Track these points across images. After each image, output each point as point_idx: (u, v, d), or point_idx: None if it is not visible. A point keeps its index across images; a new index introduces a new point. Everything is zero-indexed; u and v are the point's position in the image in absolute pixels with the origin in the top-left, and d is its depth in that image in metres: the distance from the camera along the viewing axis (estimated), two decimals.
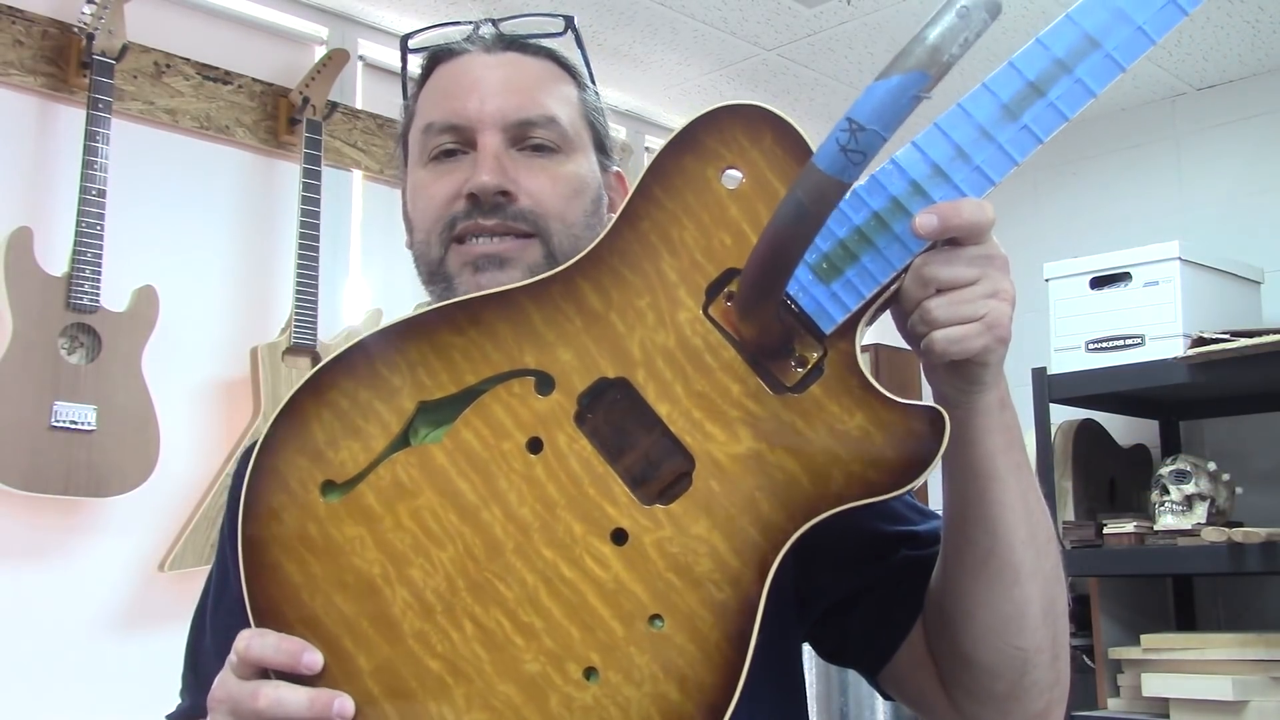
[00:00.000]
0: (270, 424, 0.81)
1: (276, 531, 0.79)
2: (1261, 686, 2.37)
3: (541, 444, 0.80)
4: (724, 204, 0.81)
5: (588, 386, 0.80)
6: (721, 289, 0.81)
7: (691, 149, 0.82)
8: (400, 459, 0.80)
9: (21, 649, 2.16)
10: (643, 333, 0.81)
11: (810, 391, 0.79)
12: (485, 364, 0.81)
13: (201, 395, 2.44)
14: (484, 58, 1.02)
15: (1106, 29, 0.74)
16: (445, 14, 2.76)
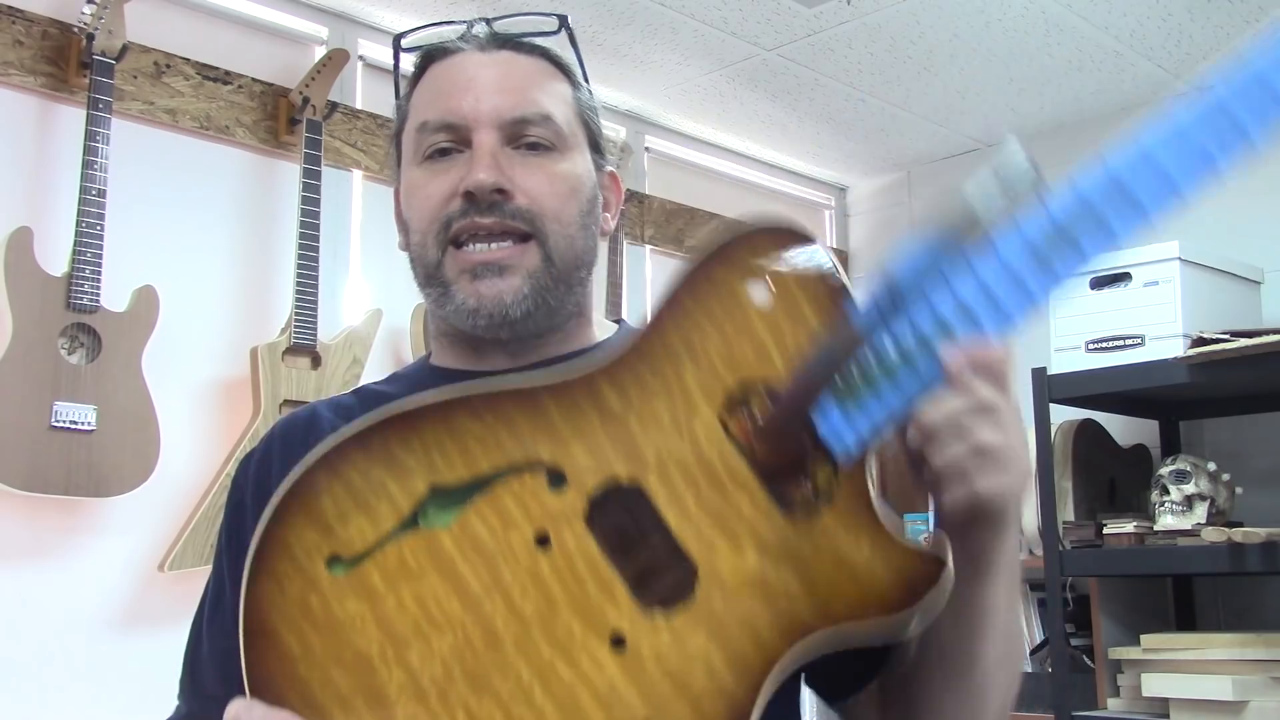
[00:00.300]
0: (282, 491, 0.80)
1: (278, 600, 0.79)
2: (1261, 686, 2.37)
3: (549, 539, 0.79)
4: (750, 318, 0.82)
5: (600, 486, 0.80)
6: (740, 402, 0.81)
7: (723, 261, 0.83)
8: (408, 540, 0.79)
9: (21, 649, 2.16)
10: (659, 438, 0.81)
11: (819, 516, 0.79)
12: (500, 454, 0.81)
13: (201, 395, 2.44)
14: (478, 56, 1.01)
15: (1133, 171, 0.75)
16: (445, 14, 2.76)
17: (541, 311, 0.98)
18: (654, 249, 3.36)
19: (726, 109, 3.33)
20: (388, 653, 0.77)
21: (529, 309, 0.96)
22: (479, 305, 0.96)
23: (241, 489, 1.04)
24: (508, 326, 0.97)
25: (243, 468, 1.05)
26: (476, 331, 0.99)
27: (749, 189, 3.72)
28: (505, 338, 0.99)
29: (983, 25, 2.83)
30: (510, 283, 0.95)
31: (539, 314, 0.98)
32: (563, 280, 0.98)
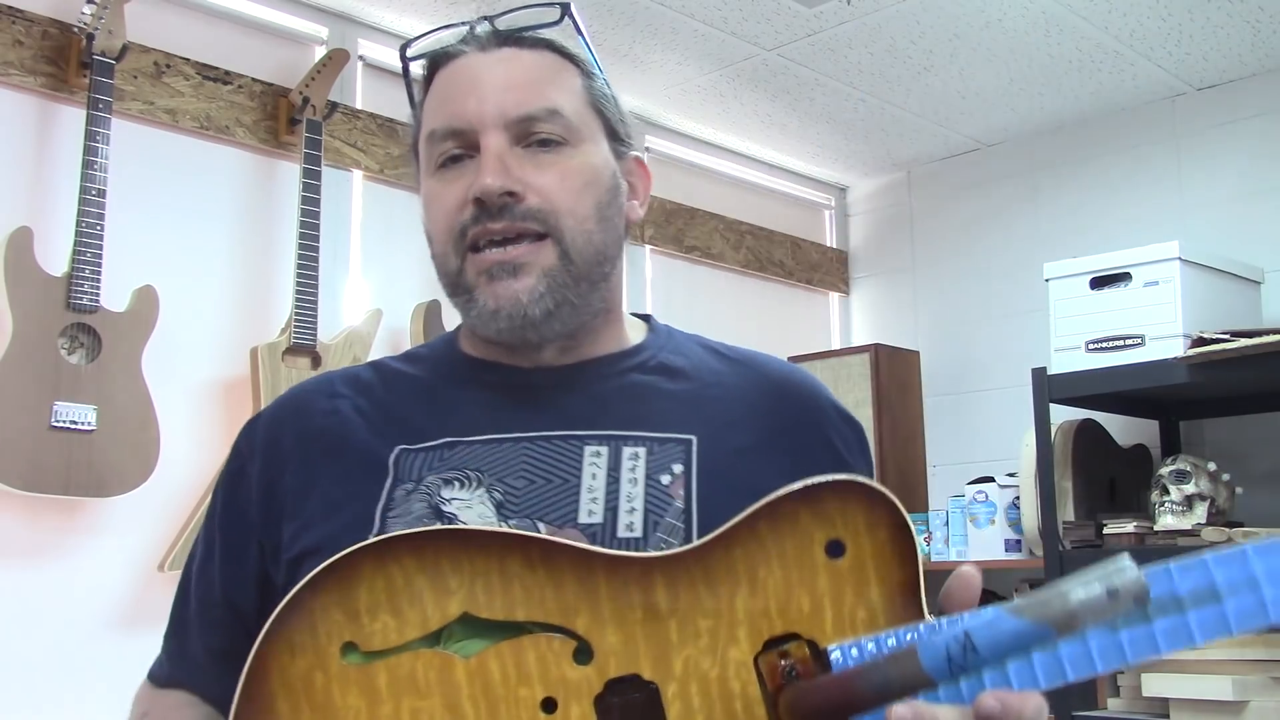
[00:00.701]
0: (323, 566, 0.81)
1: (286, 665, 0.79)
2: (1261, 686, 2.37)
3: (555, 707, 0.79)
4: (818, 570, 0.81)
5: (620, 676, 0.80)
6: (780, 646, 0.80)
7: (810, 505, 0.82)
8: (424, 655, 0.80)
9: (21, 649, 2.16)
10: (692, 651, 0.80)
11: None
12: (540, 608, 0.81)
13: (201, 395, 2.44)
14: (480, 57, 1.00)
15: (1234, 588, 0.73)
16: (445, 13, 2.76)
17: (565, 310, 0.96)
18: (654, 249, 3.36)
19: (726, 109, 3.33)
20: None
21: (549, 308, 0.95)
22: (498, 307, 0.95)
23: (244, 457, 1.03)
24: (531, 328, 0.96)
25: (247, 436, 1.04)
26: (501, 337, 0.98)
27: (749, 189, 3.72)
28: (533, 340, 0.98)
29: (983, 25, 2.83)
30: (525, 282, 0.94)
31: (562, 313, 0.96)
32: (584, 278, 0.97)
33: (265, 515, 0.98)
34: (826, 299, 3.93)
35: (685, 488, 0.94)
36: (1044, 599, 0.70)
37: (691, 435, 0.97)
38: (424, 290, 2.75)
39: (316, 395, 1.03)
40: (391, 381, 1.04)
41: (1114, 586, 0.69)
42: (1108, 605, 0.69)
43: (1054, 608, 0.70)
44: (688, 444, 0.97)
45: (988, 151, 3.65)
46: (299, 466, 0.99)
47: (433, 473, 0.94)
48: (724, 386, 1.03)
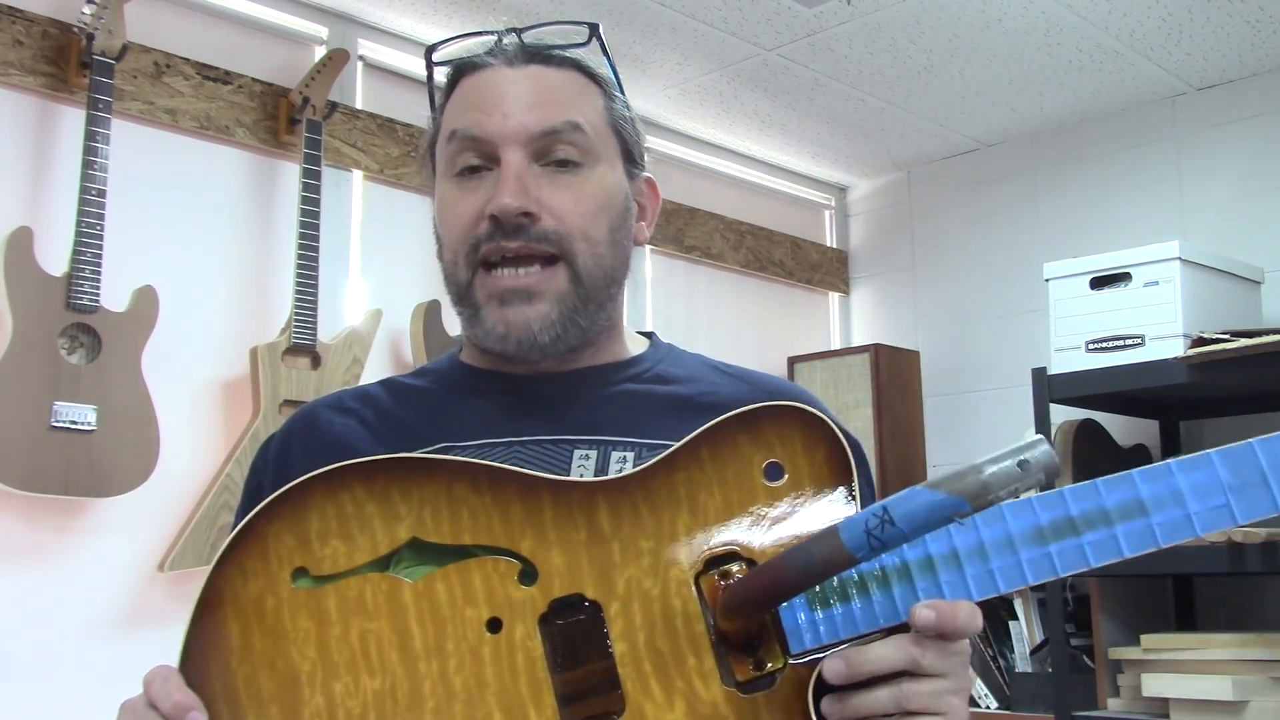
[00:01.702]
0: (277, 494, 0.83)
1: (238, 589, 0.81)
2: (1261, 686, 2.37)
3: (501, 626, 0.81)
4: (757, 492, 0.84)
5: (564, 595, 0.82)
6: (720, 565, 0.83)
7: (750, 430, 0.85)
8: (373, 579, 0.82)
9: (21, 649, 2.16)
10: (634, 571, 0.83)
11: (755, 697, 0.80)
12: (486, 532, 0.83)
13: (201, 395, 2.44)
14: (507, 71, 1.01)
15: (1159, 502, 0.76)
16: (445, 14, 2.76)
17: (572, 332, 0.99)
18: (653, 249, 3.36)
19: (726, 109, 3.33)
20: (317, 675, 0.79)
21: (557, 334, 0.97)
22: (507, 332, 0.97)
23: (260, 473, 1.05)
24: (537, 350, 0.98)
25: (262, 452, 1.07)
26: (506, 355, 1.00)
27: (749, 189, 3.72)
28: (535, 357, 1.00)
29: (983, 25, 2.83)
30: (538, 309, 0.96)
31: (569, 334, 0.99)
32: (592, 300, 0.99)
33: None
34: (826, 299, 3.93)
35: None
36: (959, 473, 0.73)
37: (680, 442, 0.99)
38: (424, 290, 2.75)
39: (326, 410, 1.06)
40: (398, 395, 1.07)
41: (1025, 459, 0.72)
42: (1019, 476, 0.72)
43: (968, 480, 0.72)
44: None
45: (988, 151, 3.65)
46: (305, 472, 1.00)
47: None
48: (717, 396, 1.05)
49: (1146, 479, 0.76)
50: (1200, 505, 0.75)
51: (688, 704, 0.80)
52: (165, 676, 0.79)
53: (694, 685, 0.80)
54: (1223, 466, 0.75)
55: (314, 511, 0.82)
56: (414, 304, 2.73)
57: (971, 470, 0.72)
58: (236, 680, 0.79)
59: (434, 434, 1.00)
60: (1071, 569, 0.77)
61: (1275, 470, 0.74)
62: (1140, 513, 0.76)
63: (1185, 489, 0.75)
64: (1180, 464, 0.76)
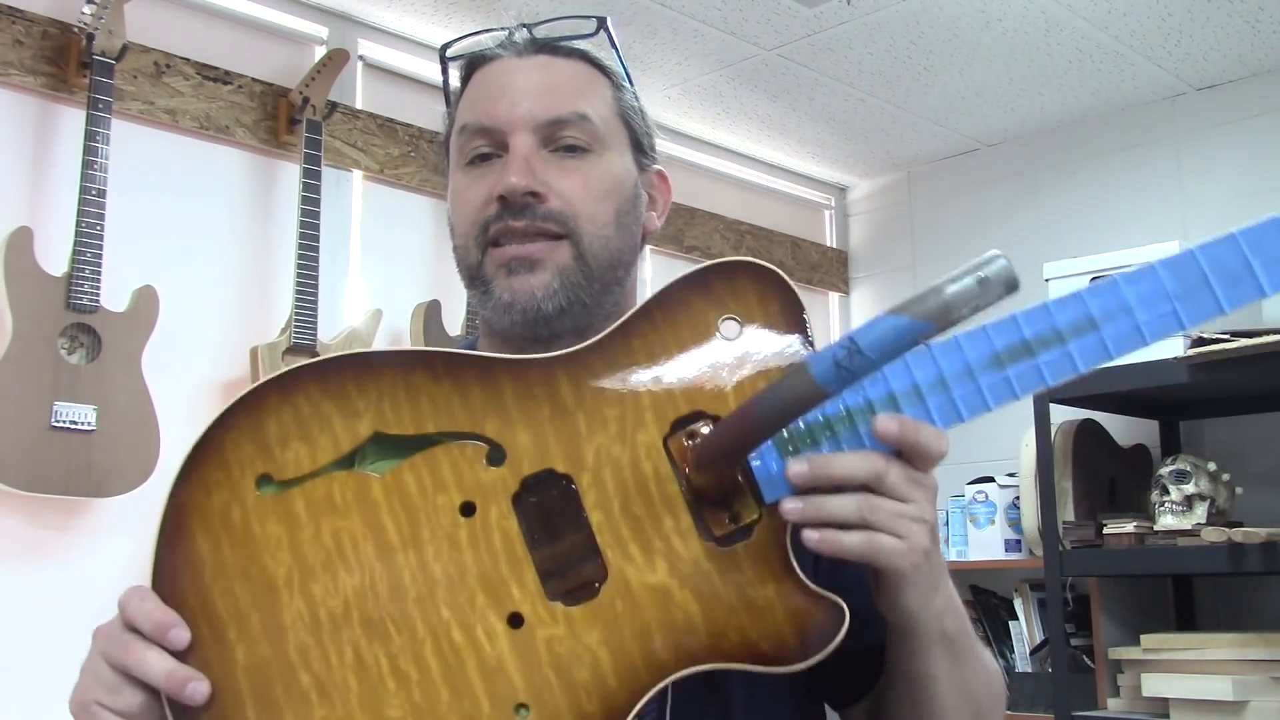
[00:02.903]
0: (232, 403, 0.82)
1: (202, 503, 0.81)
2: (1261, 686, 2.37)
3: (474, 510, 0.81)
4: (715, 349, 0.84)
5: (534, 472, 0.82)
6: (686, 425, 0.83)
7: (702, 288, 0.86)
8: (339, 477, 0.81)
9: (21, 649, 2.16)
10: (602, 440, 0.83)
11: (734, 549, 0.81)
12: (449, 418, 0.83)
13: (201, 395, 2.44)
14: (516, 62, 1.04)
15: (1108, 316, 0.77)
16: (445, 14, 2.76)
17: (577, 308, 0.99)
18: (653, 248, 3.36)
19: (726, 109, 3.33)
20: (294, 580, 0.79)
21: (561, 305, 0.98)
22: (513, 300, 0.98)
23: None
24: (543, 323, 0.99)
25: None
26: (515, 329, 1.01)
27: (749, 189, 3.72)
28: (544, 335, 1.00)
29: (983, 25, 2.83)
30: (540, 277, 0.97)
31: (574, 311, 0.99)
32: (597, 279, 1.00)
33: None
34: (826, 299, 3.93)
35: None
36: (920, 296, 0.74)
37: None
38: (424, 290, 2.76)
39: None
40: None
41: (983, 275, 0.73)
42: (979, 293, 0.73)
43: (930, 302, 0.73)
44: None
45: (988, 151, 3.65)
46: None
47: None
48: None
49: (1094, 294, 0.77)
50: (1148, 314, 0.76)
51: (668, 563, 0.80)
52: (141, 596, 0.79)
53: (673, 544, 0.81)
54: (1167, 275, 0.76)
55: (270, 416, 0.81)
56: (414, 304, 2.73)
57: (932, 292, 0.73)
58: (212, 594, 0.79)
59: None
60: (1030, 389, 0.79)
61: (1217, 273, 0.75)
62: (1091, 328, 0.77)
63: (1132, 300, 0.76)
64: (1125, 277, 0.77)
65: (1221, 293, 0.75)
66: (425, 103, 2.86)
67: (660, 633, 0.79)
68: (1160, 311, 0.76)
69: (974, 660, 0.91)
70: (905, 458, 0.79)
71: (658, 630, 0.79)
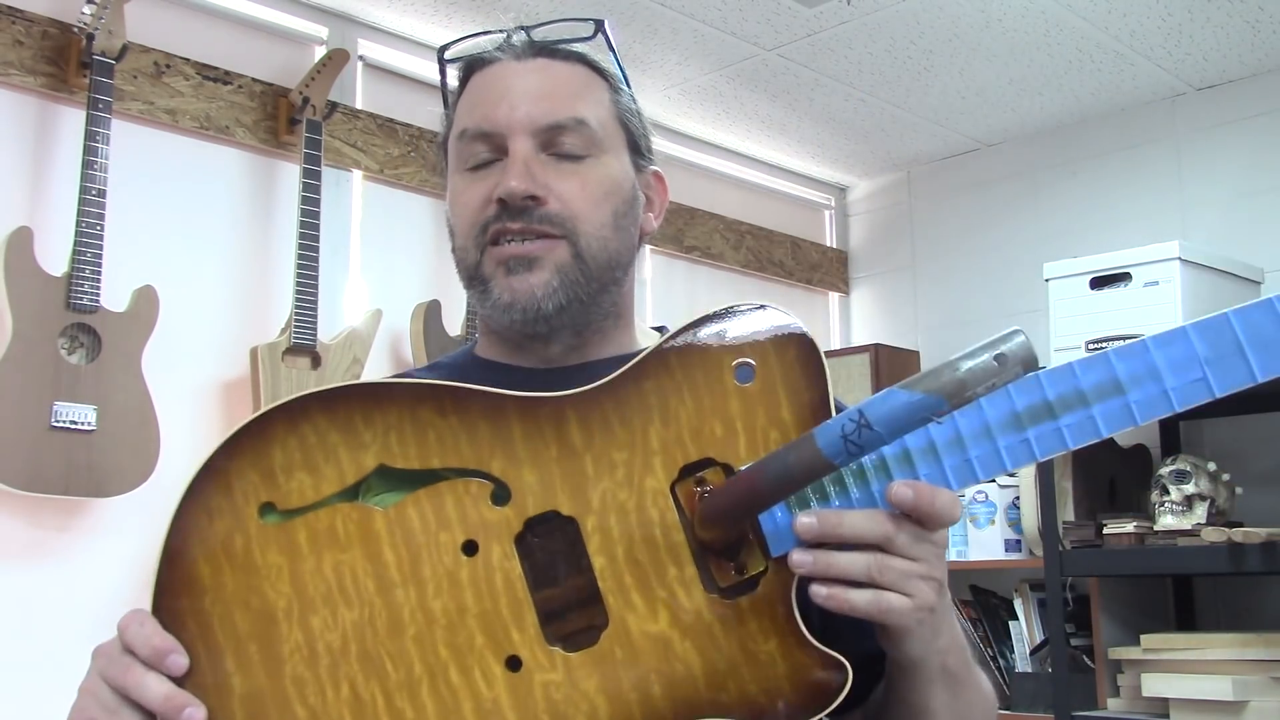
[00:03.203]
0: (236, 430, 0.81)
1: (205, 529, 0.80)
2: (1261, 686, 2.37)
3: (476, 548, 0.81)
4: (729, 396, 0.83)
5: (539, 513, 0.81)
6: (695, 473, 0.82)
7: (718, 333, 0.84)
8: (343, 509, 0.81)
9: (21, 649, 2.16)
10: (609, 484, 0.82)
11: (738, 601, 0.80)
12: (454, 454, 0.82)
13: (201, 395, 2.44)
14: (515, 65, 1.04)
15: (1136, 380, 0.75)
16: (445, 14, 2.76)
17: (574, 307, 1.00)
18: (653, 249, 3.36)
19: (726, 109, 3.33)
20: (293, 610, 0.79)
21: (560, 303, 0.98)
22: (512, 299, 0.99)
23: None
24: (542, 321, 0.99)
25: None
26: (514, 327, 1.01)
27: (749, 189, 3.72)
28: (543, 333, 1.01)
29: (983, 25, 2.83)
30: (540, 276, 0.98)
31: (572, 309, 0.99)
32: (595, 279, 1.00)
33: None
34: (826, 299, 3.93)
35: None
36: (934, 371, 0.72)
37: None
38: (424, 290, 2.75)
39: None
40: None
41: (1001, 353, 0.71)
42: (996, 371, 0.71)
43: (944, 378, 0.72)
44: None
45: (988, 151, 3.65)
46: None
47: None
48: None
49: (1122, 357, 0.75)
50: (1177, 380, 0.74)
51: (671, 613, 0.80)
52: (141, 620, 0.79)
53: (676, 594, 0.80)
54: (1199, 339, 0.74)
55: (276, 444, 0.81)
56: (414, 304, 2.73)
57: (947, 368, 0.71)
58: (212, 621, 0.79)
59: None
60: (1049, 452, 0.77)
61: (1252, 340, 0.74)
62: (1116, 392, 0.75)
63: (1162, 365, 0.74)
64: (1155, 340, 0.75)
65: (1256, 360, 0.74)
66: (425, 103, 2.86)
67: (659, 683, 0.78)
68: (1190, 378, 0.74)
69: (972, 691, 0.90)
70: (917, 520, 0.78)
71: (656, 680, 0.78)
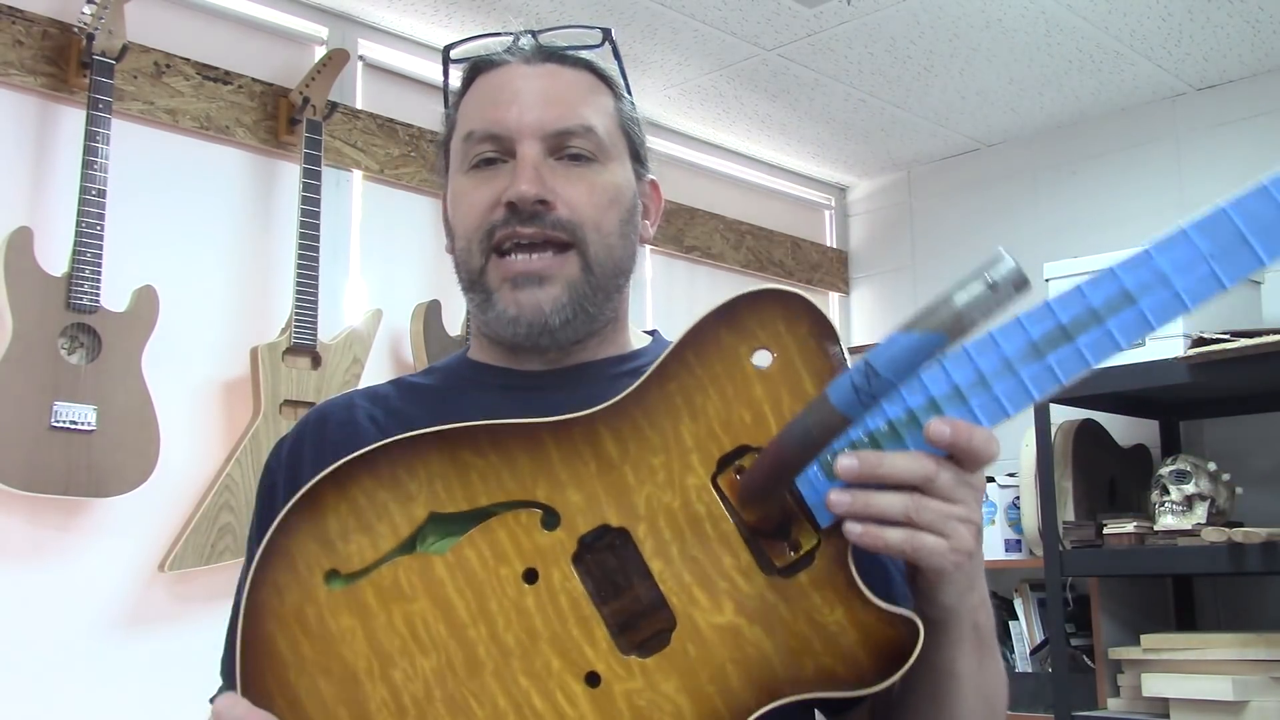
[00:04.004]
0: (289, 507, 0.84)
1: (276, 607, 0.82)
2: (1261, 686, 2.37)
3: (537, 575, 0.82)
4: (750, 382, 0.84)
5: (590, 530, 0.83)
6: (733, 462, 0.83)
7: (730, 323, 0.85)
8: (404, 562, 0.83)
9: (22, 649, 2.16)
10: (651, 489, 0.83)
11: (797, 578, 0.81)
12: (499, 489, 0.84)
13: (201, 395, 2.44)
14: (524, 69, 1.04)
15: (1145, 288, 0.75)
16: (445, 14, 2.76)
17: (580, 319, 1.00)
18: (654, 249, 3.36)
19: (726, 109, 3.33)
20: (374, 668, 0.81)
21: (568, 318, 0.99)
22: (519, 314, 0.99)
23: (274, 473, 1.07)
24: (547, 335, 1.00)
25: (275, 453, 1.09)
26: (517, 340, 1.01)
27: (749, 189, 3.72)
28: (545, 344, 1.02)
29: (983, 25, 2.83)
30: (549, 293, 0.98)
31: (577, 322, 1.00)
32: (601, 288, 1.01)
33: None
34: (826, 299, 3.93)
35: None
36: (930, 308, 0.72)
37: None
38: (424, 290, 2.75)
39: (337, 410, 1.09)
40: (406, 393, 1.10)
41: (992, 279, 0.71)
42: (991, 298, 0.71)
43: (940, 314, 0.72)
44: None
45: (988, 151, 3.65)
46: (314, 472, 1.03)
47: None
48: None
49: (1127, 269, 0.75)
50: (1186, 280, 0.74)
51: (735, 601, 0.81)
52: (233, 704, 0.80)
53: (736, 582, 0.81)
54: (1200, 237, 0.75)
55: (329, 513, 0.84)
56: (414, 304, 2.73)
57: (942, 302, 0.72)
58: (298, 694, 0.81)
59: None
60: (1073, 374, 0.77)
61: (1252, 227, 0.74)
62: (1128, 302, 0.75)
63: (1168, 268, 0.75)
64: (1157, 246, 0.75)
65: (1260, 245, 0.73)
66: (425, 103, 2.86)
67: (736, 672, 0.80)
68: (1199, 274, 0.74)
69: (995, 661, 0.91)
70: (956, 460, 0.78)
71: (733, 670, 0.80)
